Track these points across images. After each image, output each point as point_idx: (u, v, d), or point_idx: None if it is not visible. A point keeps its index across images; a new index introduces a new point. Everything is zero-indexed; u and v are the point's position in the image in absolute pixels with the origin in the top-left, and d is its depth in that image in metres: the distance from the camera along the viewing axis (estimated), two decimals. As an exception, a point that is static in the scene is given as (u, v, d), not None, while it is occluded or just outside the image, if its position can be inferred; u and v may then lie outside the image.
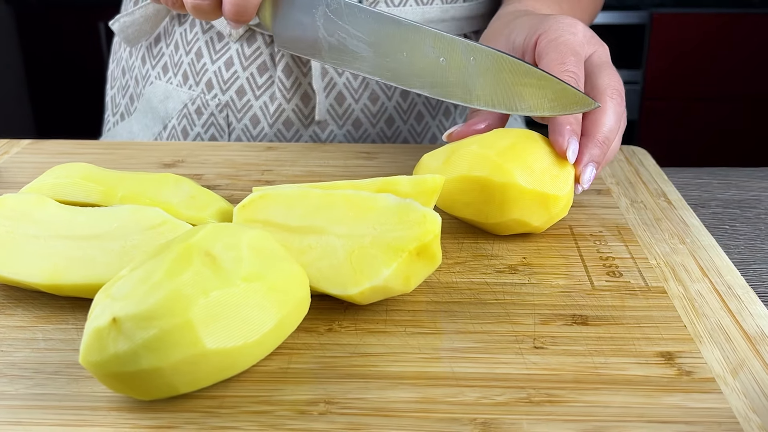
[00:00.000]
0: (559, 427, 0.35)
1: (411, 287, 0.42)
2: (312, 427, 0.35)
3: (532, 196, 0.49)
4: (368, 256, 0.41)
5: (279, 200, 0.46)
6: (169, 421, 0.35)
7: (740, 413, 0.36)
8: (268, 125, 0.74)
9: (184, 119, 0.76)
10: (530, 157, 0.49)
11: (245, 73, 0.73)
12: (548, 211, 0.50)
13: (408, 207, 0.42)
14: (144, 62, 0.78)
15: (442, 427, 0.35)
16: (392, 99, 0.75)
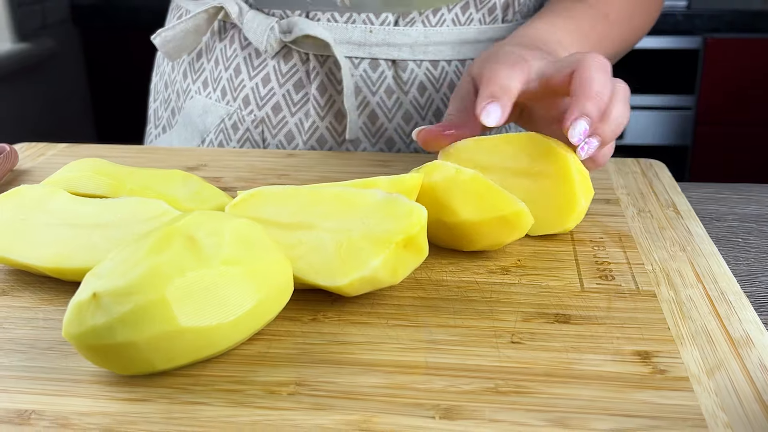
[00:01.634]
0: (522, 416, 0.35)
1: (398, 278, 0.43)
2: (278, 406, 0.36)
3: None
4: (356, 248, 0.42)
5: (270, 198, 0.47)
6: (144, 395, 0.37)
7: (708, 411, 0.35)
8: (303, 142, 0.75)
9: (221, 134, 0.78)
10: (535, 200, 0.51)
11: (281, 89, 0.74)
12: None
13: (395, 201, 0.44)
14: (185, 77, 0.80)
15: (405, 411, 0.35)
16: (426, 119, 0.75)
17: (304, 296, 0.45)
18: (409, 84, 0.73)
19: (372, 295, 0.46)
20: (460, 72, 0.75)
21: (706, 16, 1.92)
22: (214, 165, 0.69)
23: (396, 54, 0.72)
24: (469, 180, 0.49)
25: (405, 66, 0.73)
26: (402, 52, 0.72)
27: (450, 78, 0.74)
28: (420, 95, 0.74)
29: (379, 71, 0.73)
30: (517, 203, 0.47)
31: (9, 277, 0.48)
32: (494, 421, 0.35)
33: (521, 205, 0.47)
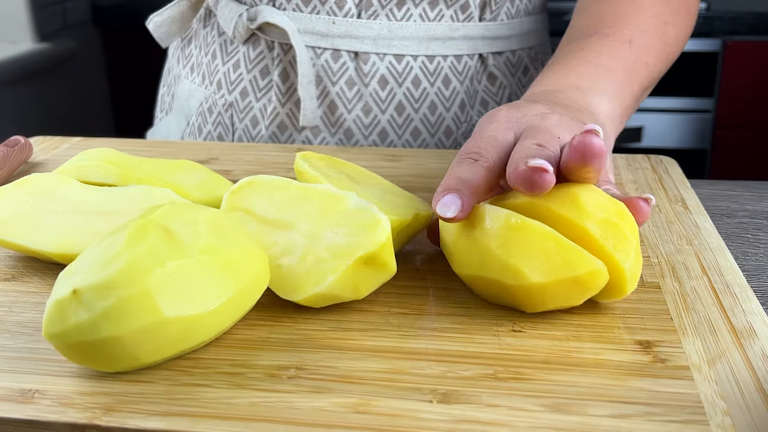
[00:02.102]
0: (519, 401, 0.35)
1: (362, 294, 0.42)
2: (278, 389, 0.36)
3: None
4: (320, 259, 0.41)
5: (263, 189, 0.46)
6: (146, 377, 0.37)
7: (707, 399, 0.35)
8: (265, 127, 0.76)
9: (200, 117, 0.80)
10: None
11: (249, 75, 0.76)
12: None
13: (364, 210, 0.42)
14: (178, 62, 0.84)
15: (402, 395, 0.36)
16: (386, 113, 0.75)
17: (308, 284, 0.45)
18: (369, 76, 0.74)
19: (375, 283, 0.46)
20: (427, 68, 0.74)
21: (726, 18, 1.91)
22: (224, 158, 0.69)
23: (358, 46, 0.73)
24: (535, 233, 0.40)
25: (367, 58, 0.73)
26: (365, 44, 0.72)
27: (415, 73, 0.74)
28: (381, 88, 0.74)
29: (341, 62, 0.73)
30: (593, 261, 0.39)
31: (18, 263, 0.49)
32: (491, 405, 0.35)
33: (598, 263, 0.39)
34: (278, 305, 0.44)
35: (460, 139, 0.77)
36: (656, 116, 2.03)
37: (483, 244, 0.41)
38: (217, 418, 0.34)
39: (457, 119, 0.77)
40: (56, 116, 1.95)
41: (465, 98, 0.76)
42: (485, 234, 0.41)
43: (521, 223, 0.40)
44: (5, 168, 0.62)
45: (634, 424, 0.34)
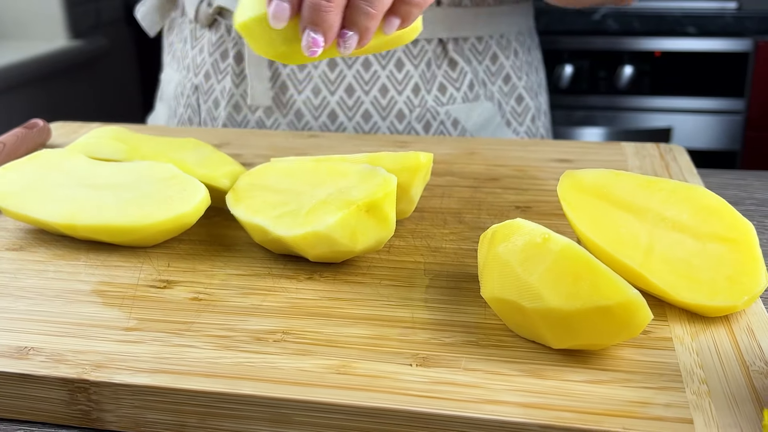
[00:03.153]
0: (497, 366, 0.36)
1: (358, 245, 0.43)
2: (263, 351, 0.37)
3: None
4: (323, 208, 0.43)
5: (279, 170, 0.49)
6: (137, 337, 0.38)
7: (686, 368, 0.35)
8: (223, 108, 0.78)
9: (175, 100, 0.83)
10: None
11: (211, 58, 0.78)
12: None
13: (372, 172, 0.45)
14: (163, 51, 0.88)
15: (384, 358, 0.36)
16: (335, 94, 0.75)
17: (303, 258, 0.46)
18: (352, 59, 0.74)
19: (369, 258, 0.47)
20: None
21: (757, 17, 1.88)
22: (237, 143, 0.71)
23: None
24: (561, 252, 0.35)
25: None
26: None
27: (365, 56, 0.74)
28: (330, 70, 0.74)
29: None
30: (628, 291, 0.33)
31: (27, 234, 0.50)
32: (469, 369, 0.35)
33: (634, 293, 0.33)
34: (273, 277, 0.45)
35: (413, 123, 0.76)
36: (686, 117, 2.01)
37: (504, 261, 0.37)
38: (200, 376, 0.35)
39: (410, 103, 0.76)
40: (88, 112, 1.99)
41: (420, 82, 0.75)
42: (508, 249, 0.37)
43: (549, 238, 0.36)
44: (22, 149, 0.64)
45: (609, 389, 0.34)
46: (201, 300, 0.42)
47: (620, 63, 1.95)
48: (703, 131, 2.01)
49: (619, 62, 1.95)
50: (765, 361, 0.36)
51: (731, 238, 0.40)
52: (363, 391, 0.34)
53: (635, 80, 1.96)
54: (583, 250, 0.35)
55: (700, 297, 0.39)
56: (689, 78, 1.98)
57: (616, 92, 1.97)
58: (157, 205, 0.46)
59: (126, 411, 0.35)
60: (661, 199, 0.43)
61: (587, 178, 0.44)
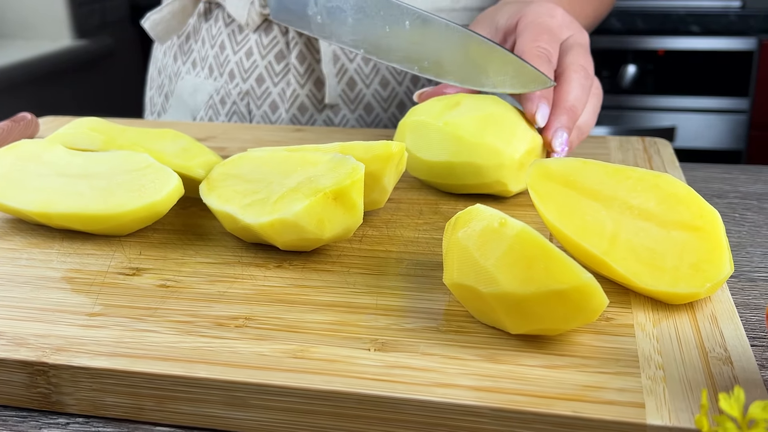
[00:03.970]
0: (455, 351, 0.36)
1: (325, 233, 0.43)
2: (223, 336, 0.37)
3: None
4: (291, 196, 0.43)
5: (252, 160, 0.49)
6: (101, 323, 0.39)
7: (644, 354, 0.35)
8: (285, 110, 0.78)
9: (210, 110, 0.81)
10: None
11: (263, 61, 0.77)
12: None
13: (343, 160, 0.45)
14: (175, 60, 0.84)
15: (342, 343, 0.36)
16: (402, 84, 0.77)
17: (274, 247, 0.47)
18: None
19: (340, 248, 0.47)
20: None
21: (762, 16, 1.87)
22: (223, 137, 0.71)
23: None
24: (517, 237, 0.35)
25: None
26: None
27: None
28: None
29: None
30: (581, 275, 0.33)
31: (4, 224, 0.51)
32: (426, 354, 0.35)
33: (588, 277, 0.33)
34: (242, 265, 0.45)
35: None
36: (689, 116, 2.00)
37: (463, 246, 0.37)
38: (157, 360, 0.35)
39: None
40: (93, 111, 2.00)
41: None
42: (467, 235, 0.37)
43: (505, 223, 0.36)
44: (8, 141, 0.65)
45: (564, 374, 0.34)
46: (168, 287, 0.42)
47: (624, 62, 1.94)
48: (707, 130, 2.00)
49: (622, 61, 1.94)
50: (725, 347, 0.36)
51: (697, 226, 0.40)
52: (317, 375, 0.34)
53: (639, 79, 1.95)
54: (538, 235, 0.35)
55: (663, 284, 0.38)
56: (693, 77, 1.97)
57: (619, 91, 1.96)
58: (130, 193, 0.47)
59: (85, 394, 0.36)
60: (628, 187, 0.42)
61: (555, 167, 0.44)
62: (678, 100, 1.97)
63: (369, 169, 0.47)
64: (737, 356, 0.35)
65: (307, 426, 0.34)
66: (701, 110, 1.98)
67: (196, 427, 0.35)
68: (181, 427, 0.35)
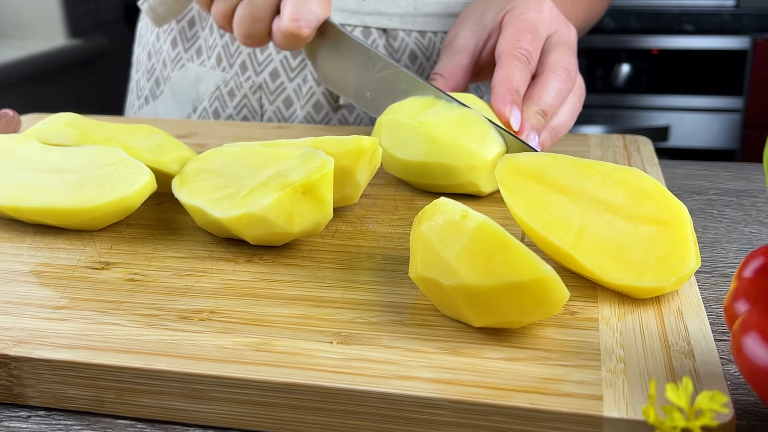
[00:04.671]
0: (417, 344, 0.36)
1: (294, 227, 0.43)
2: (187, 329, 0.37)
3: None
4: (260, 190, 0.43)
5: (226, 154, 0.49)
6: (65, 315, 0.39)
7: (606, 347, 0.35)
8: (300, 107, 0.77)
9: (216, 101, 0.79)
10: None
11: (279, 55, 0.76)
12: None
13: (313, 155, 0.45)
14: (174, 45, 0.82)
15: (305, 336, 0.36)
16: None
17: (246, 242, 0.47)
18: (400, 52, 0.75)
19: (312, 242, 0.47)
20: None
21: (755, 15, 1.87)
22: (203, 134, 0.71)
23: (387, 23, 0.74)
24: (478, 229, 0.35)
25: (396, 35, 0.75)
26: (392, 21, 0.74)
27: (437, 48, 0.76)
28: (411, 63, 0.76)
29: (371, 39, 0.74)
30: (541, 267, 0.33)
31: (-22, 219, 0.51)
32: (388, 347, 0.35)
33: (547, 269, 0.33)
34: (212, 259, 0.45)
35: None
36: (684, 115, 2.00)
37: (426, 239, 0.37)
38: (119, 352, 0.35)
39: (478, 90, 0.80)
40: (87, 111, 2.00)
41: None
42: (430, 228, 0.37)
43: (466, 216, 0.36)
44: (-12, 137, 0.64)
45: (524, 366, 0.34)
46: (136, 281, 0.42)
47: (617, 61, 1.94)
48: (702, 130, 2.00)
49: (616, 60, 1.94)
50: (688, 341, 0.36)
51: (664, 220, 0.40)
52: (277, 368, 0.34)
53: (633, 78, 1.95)
54: (499, 228, 0.35)
55: (629, 278, 0.38)
56: (687, 76, 1.97)
57: (613, 90, 1.96)
58: (101, 188, 0.47)
59: (46, 387, 0.35)
60: (596, 182, 0.42)
61: (525, 161, 0.44)
62: (672, 99, 1.97)
63: (341, 164, 0.47)
64: (700, 350, 0.35)
65: (267, 419, 0.34)
66: (695, 109, 1.98)
67: (157, 419, 0.35)
68: (142, 420, 0.35)
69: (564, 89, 0.54)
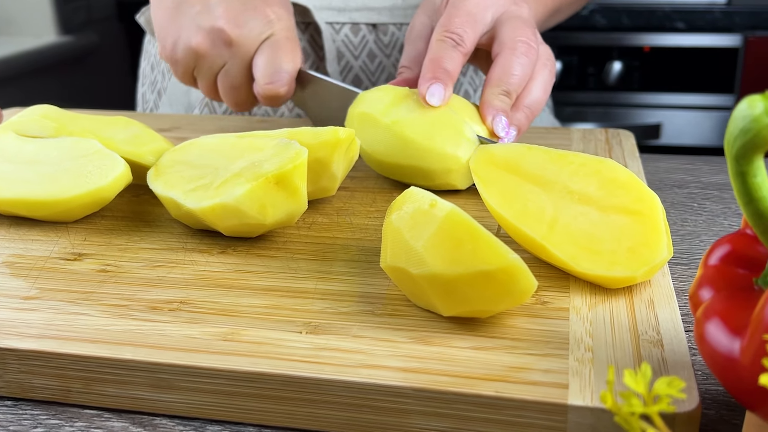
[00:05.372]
0: (386, 334, 0.35)
1: (267, 218, 0.43)
2: (155, 319, 0.37)
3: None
4: (233, 181, 0.43)
5: (201, 146, 0.49)
6: (34, 305, 0.38)
7: (575, 336, 0.35)
8: (288, 110, 0.77)
9: (206, 108, 0.79)
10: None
11: None
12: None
13: (287, 145, 0.44)
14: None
15: (274, 326, 0.36)
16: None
17: (220, 235, 0.46)
18: (390, 47, 0.75)
19: (287, 234, 0.47)
20: None
21: (747, 12, 1.87)
22: (187, 127, 0.71)
23: (376, 18, 0.73)
24: (446, 218, 0.35)
25: (386, 29, 0.74)
26: (381, 15, 0.73)
27: None
28: None
29: (361, 35, 0.74)
30: (508, 256, 0.33)
31: (-47, 211, 0.51)
32: (358, 336, 0.35)
33: (514, 258, 0.33)
34: (186, 250, 0.44)
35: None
36: (675, 113, 2.00)
37: (396, 228, 0.37)
38: (86, 342, 0.35)
39: (472, 82, 0.79)
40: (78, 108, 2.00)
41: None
42: (399, 217, 0.37)
43: (434, 205, 0.36)
44: (-32, 130, 0.64)
45: (491, 355, 0.34)
46: (108, 272, 0.42)
47: (609, 59, 1.94)
48: (693, 127, 2.00)
49: (608, 58, 1.94)
50: (657, 330, 0.36)
51: (636, 210, 0.40)
52: (244, 357, 0.34)
53: (624, 76, 1.95)
54: (466, 216, 0.34)
55: (600, 268, 0.38)
56: (679, 74, 1.97)
57: (605, 88, 1.96)
58: (76, 179, 0.46)
59: (13, 376, 0.35)
60: (570, 172, 0.42)
61: (499, 152, 0.44)
62: (664, 96, 1.97)
63: (317, 155, 0.47)
64: (669, 339, 0.35)
65: (234, 408, 0.34)
66: (687, 107, 1.98)
67: (124, 409, 0.35)
68: (109, 410, 0.35)
69: (526, 63, 0.53)
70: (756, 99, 0.25)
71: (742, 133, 0.25)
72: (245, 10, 0.56)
